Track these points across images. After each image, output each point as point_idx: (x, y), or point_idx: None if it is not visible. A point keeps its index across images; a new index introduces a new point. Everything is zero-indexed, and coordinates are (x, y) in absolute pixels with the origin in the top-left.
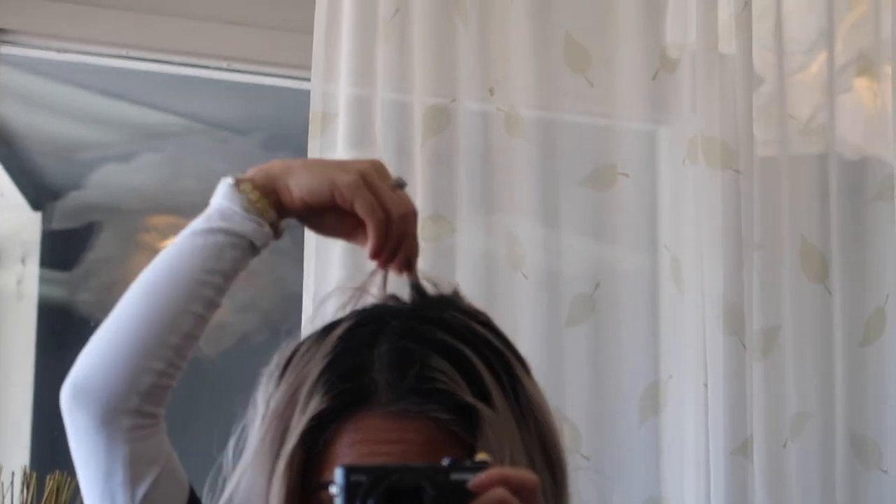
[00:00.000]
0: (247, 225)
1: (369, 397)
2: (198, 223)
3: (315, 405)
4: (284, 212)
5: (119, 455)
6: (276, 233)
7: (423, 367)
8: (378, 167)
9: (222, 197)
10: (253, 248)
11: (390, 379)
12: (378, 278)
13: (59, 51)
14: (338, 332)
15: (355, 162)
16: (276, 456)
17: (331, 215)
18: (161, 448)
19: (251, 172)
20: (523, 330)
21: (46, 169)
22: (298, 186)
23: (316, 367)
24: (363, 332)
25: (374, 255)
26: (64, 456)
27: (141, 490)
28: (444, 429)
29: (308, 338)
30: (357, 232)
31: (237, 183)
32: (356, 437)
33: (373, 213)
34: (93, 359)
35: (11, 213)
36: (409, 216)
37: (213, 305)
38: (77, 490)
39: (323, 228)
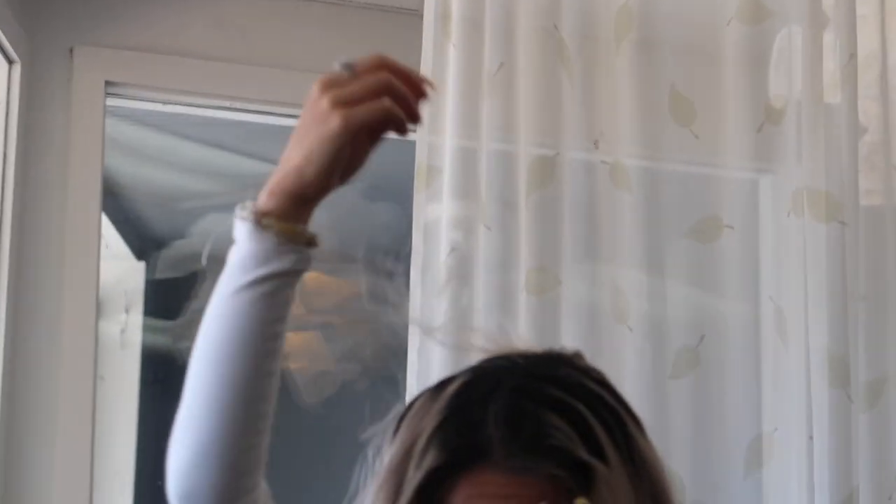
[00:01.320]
0: (287, 259)
1: (485, 453)
2: (234, 276)
3: (430, 460)
4: (317, 200)
5: None
6: (315, 244)
7: (538, 424)
8: (322, 83)
9: (248, 240)
10: (300, 274)
11: (506, 435)
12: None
13: (163, 102)
14: (452, 388)
15: (314, 99)
16: None
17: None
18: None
19: (262, 200)
20: (628, 382)
21: (150, 219)
22: (316, 173)
23: (431, 423)
24: (477, 388)
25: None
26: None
27: None
28: (558, 486)
29: (422, 394)
30: (373, 141)
31: (257, 220)
32: (472, 492)
33: (377, 112)
34: (187, 457)
35: (116, 263)
36: (385, 76)
37: (278, 352)
38: None
39: (349, 171)
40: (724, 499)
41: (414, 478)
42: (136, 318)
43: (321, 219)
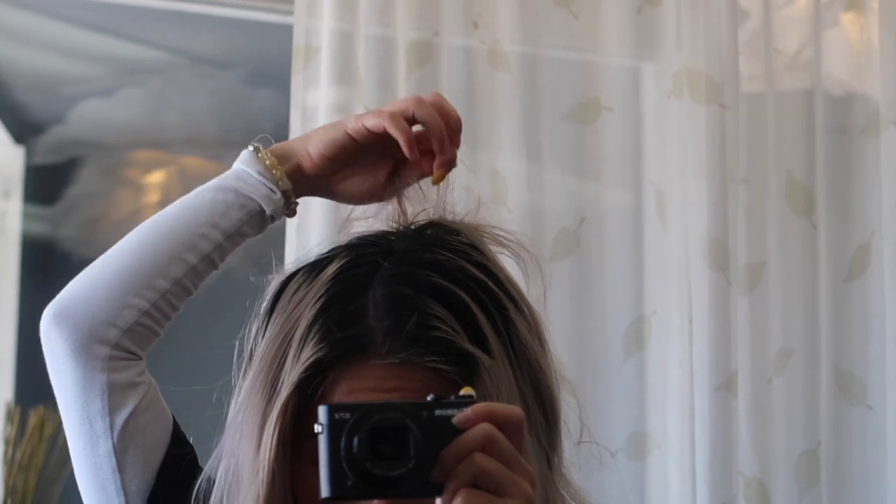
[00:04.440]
0: (259, 189)
1: (367, 346)
2: (213, 181)
3: (310, 353)
4: (307, 180)
5: (96, 383)
6: (289, 206)
7: (420, 315)
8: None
9: (240, 161)
10: (261, 217)
11: (388, 327)
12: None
13: None
14: (329, 271)
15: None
16: (269, 403)
17: (354, 178)
18: (140, 379)
19: (275, 145)
20: (506, 266)
21: (29, 103)
22: (315, 146)
23: (309, 311)
24: (356, 273)
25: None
26: (48, 391)
27: (119, 419)
28: (442, 377)
29: (296, 273)
30: (379, 175)
31: (257, 150)
32: (353, 386)
33: (382, 122)
34: (78, 285)
35: None
36: (415, 98)
37: (209, 261)
38: (61, 425)
39: (348, 190)
40: (604, 381)
41: (293, 371)
42: (16, 204)
43: (203, 104)
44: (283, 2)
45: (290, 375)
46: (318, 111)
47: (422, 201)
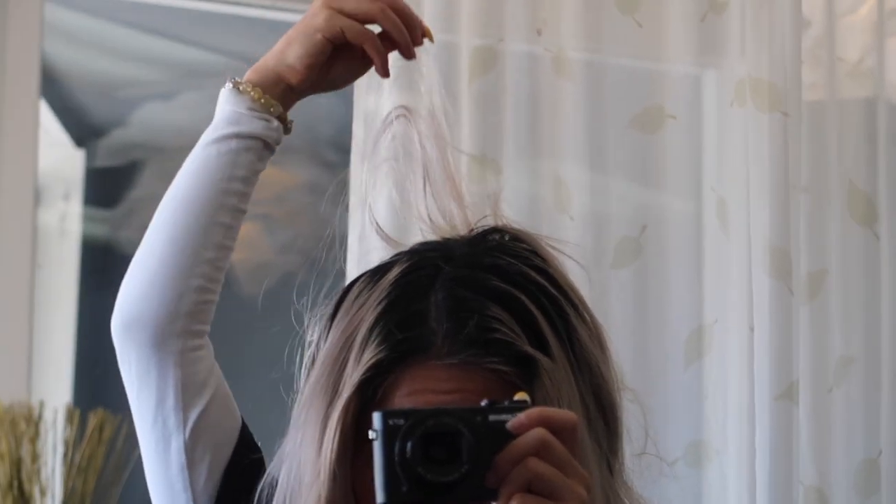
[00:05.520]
0: (255, 124)
1: (428, 347)
2: (207, 134)
3: (371, 355)
4: (298, 92)
5: (171, 379)
6: (286, 127)
7: (481, 317)
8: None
9: (225, 102)
10: (267, 147)
11: (449, 329)
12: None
13: None
14: (391, 275)
15: (314, 3)
16: (330, 404)
17: (338, 65)
18: (212, 374)
19: (248, 73)
20: (570, 272)
21: (90, 106)
22: (298, 57)
23: (371, 314)
24: (417, 277)
25: (399, 47)
26: (106, 393)
27: (193, 415)
28: (502, 379)
29: (358, 279)
30: (366, 61)
31: (236, 85)
32: (414, 387)
33: (356, 31)
34: (134, 288)
35: (55, 151)
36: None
37: (239, 212)
38: (119, 427)
39: (337, 81)
40: (664, 389)
41: (355, 373)
42: (76, 206)
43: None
44: None
45: (352, 377)
46: (380, 116)
47: (482, 209)
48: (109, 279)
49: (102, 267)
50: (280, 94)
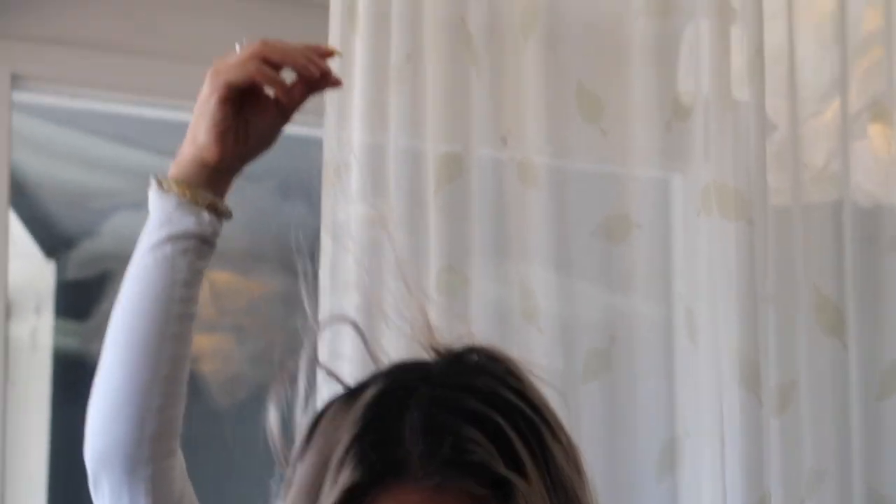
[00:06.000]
0: (186, 221)
1: (403, 470)
2: (142, 241)
3: (346, 477)
4: (225, 169)
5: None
6: (220, 213)
7: (456, 438)
8: (216, 62)
9: (153, 204)
10: (205, 242)
11: (424, 450)
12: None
13: (71, 96)
14: (366, 396)
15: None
16: None
17: (252, 120)
18: (185, 489)
19: (171, 169)
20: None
21: (60, 217)
22: (205, 133)
23: (346, 435)
24: (393, 398)
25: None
26: None
27: None
28: (479, 501)
29: (333, 401)
30: (278, 103)
31: (160, 184)
32: None
33: (245, 74)
34: (98, 421)
35: (25, 263)
36: (259, 45)
37: (188, 318)
38: None
39: (262, 137)
40: (638, 502)
41: (330, 496)
42: (47, 319)
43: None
44: (312, 114)
45: (328, 500)
46: (349, 224)
47: (455, 327)
48: (82, 392)
49: (75, 380)
50: (206, 179)
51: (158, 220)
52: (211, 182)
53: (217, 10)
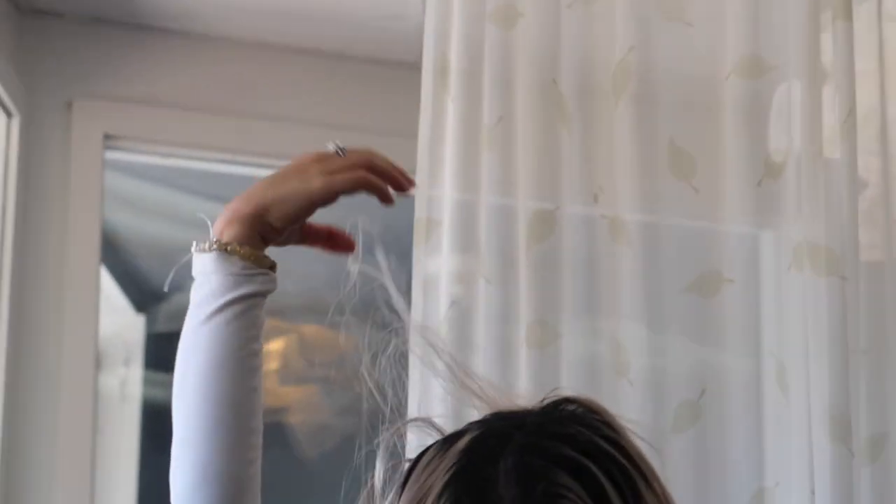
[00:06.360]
0: (256, 281)
1: None
2: (206, 306)
3: None
4: (265, 244)
5: None
6: (274, 269)
7: (549, 484)
8: (315, 154)
9: (216, 269)
10: (264, 296)
11: (517, 495)
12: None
13: (163, 156)
14: (461, 443)
15: (303, 161)
16: None
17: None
18: None
19: (221, 230)
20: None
21: (149, 272)
22: (280, 219)
23: (440, 480)
24: (487, 445)
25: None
26: None
27: None
28: None
29: (429, 448)
30: (309, 236)
31: (223, 248)
32: None
33: (356, 182)
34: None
35: (115, 316)
36: (368, 154)
37: (260, 368)
38: None
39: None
40: None
41: None
42: (136, 371)
43: (321, 272)
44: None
45: None
46: (440, 279)
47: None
48: (170, 442)
49: (163, 430)
50: (258, 244)
51: (223, 283)
52: (260, 246)
53: (308, 70)
